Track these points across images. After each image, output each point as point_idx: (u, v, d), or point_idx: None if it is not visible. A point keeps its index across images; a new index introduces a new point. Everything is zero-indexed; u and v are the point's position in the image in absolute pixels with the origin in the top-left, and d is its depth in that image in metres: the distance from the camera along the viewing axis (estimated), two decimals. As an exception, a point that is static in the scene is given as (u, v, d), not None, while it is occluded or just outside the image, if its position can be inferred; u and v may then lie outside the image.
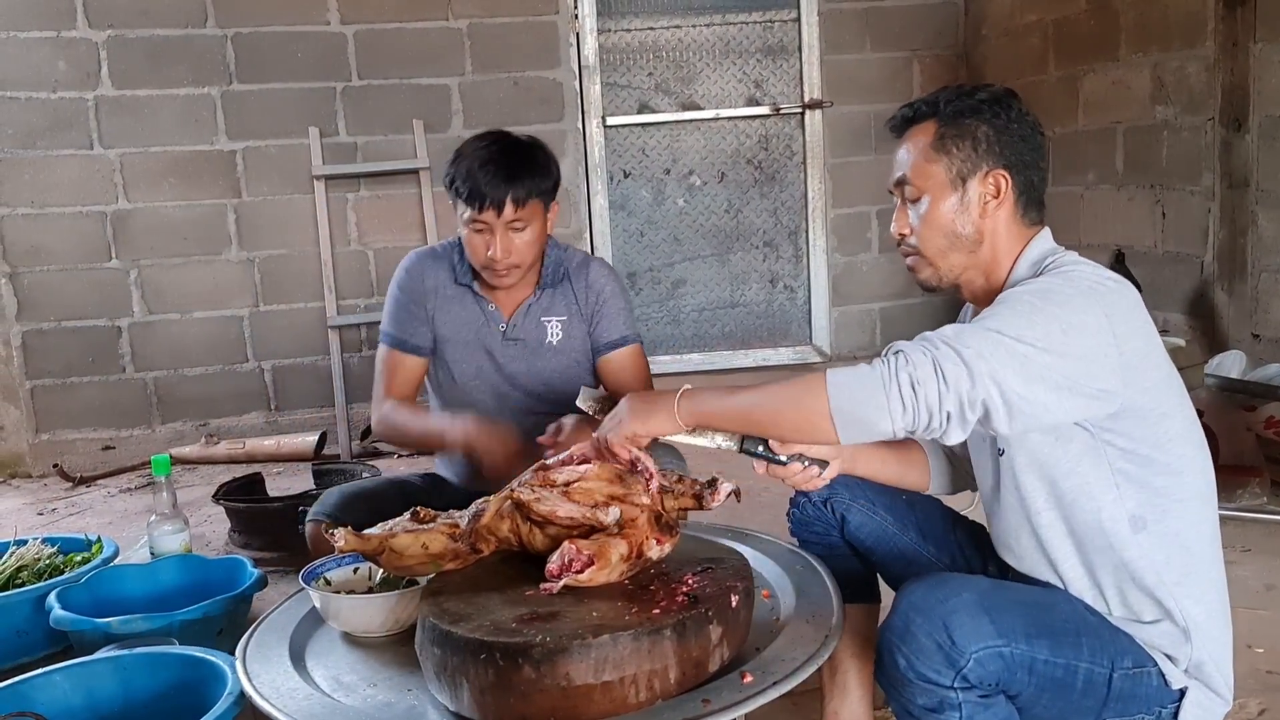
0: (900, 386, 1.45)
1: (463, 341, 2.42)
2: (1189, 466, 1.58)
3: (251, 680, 1.66)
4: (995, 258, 1.66)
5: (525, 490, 1.61)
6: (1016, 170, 1.64)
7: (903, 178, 1.68)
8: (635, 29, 5.01)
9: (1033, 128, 1.66)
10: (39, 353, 4.53)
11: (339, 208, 4.70)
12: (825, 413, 1.50)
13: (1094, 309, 1.50)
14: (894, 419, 1.45)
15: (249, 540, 3.28)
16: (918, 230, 1.67)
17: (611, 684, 1.41)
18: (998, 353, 1.44)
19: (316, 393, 4.76)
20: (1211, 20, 3.71)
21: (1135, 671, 1.55)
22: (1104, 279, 1.57)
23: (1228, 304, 3.80)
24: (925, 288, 1.72)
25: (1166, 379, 1.57)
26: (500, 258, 2.26)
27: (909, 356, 1.47)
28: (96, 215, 4.52)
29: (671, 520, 1.68)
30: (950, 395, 1.44)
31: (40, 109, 4.42)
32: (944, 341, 1.47)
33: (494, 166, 2.23)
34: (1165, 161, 4.01)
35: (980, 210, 1.64)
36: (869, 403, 1.47)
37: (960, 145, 1.63)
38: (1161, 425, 1.55)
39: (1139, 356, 1.52)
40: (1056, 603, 1.59)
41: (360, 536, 1.63)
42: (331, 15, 4.60)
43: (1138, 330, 1.54)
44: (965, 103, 1.65)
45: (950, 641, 1.44)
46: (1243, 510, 3.03)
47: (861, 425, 1.49)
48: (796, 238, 5.23)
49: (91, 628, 2.29)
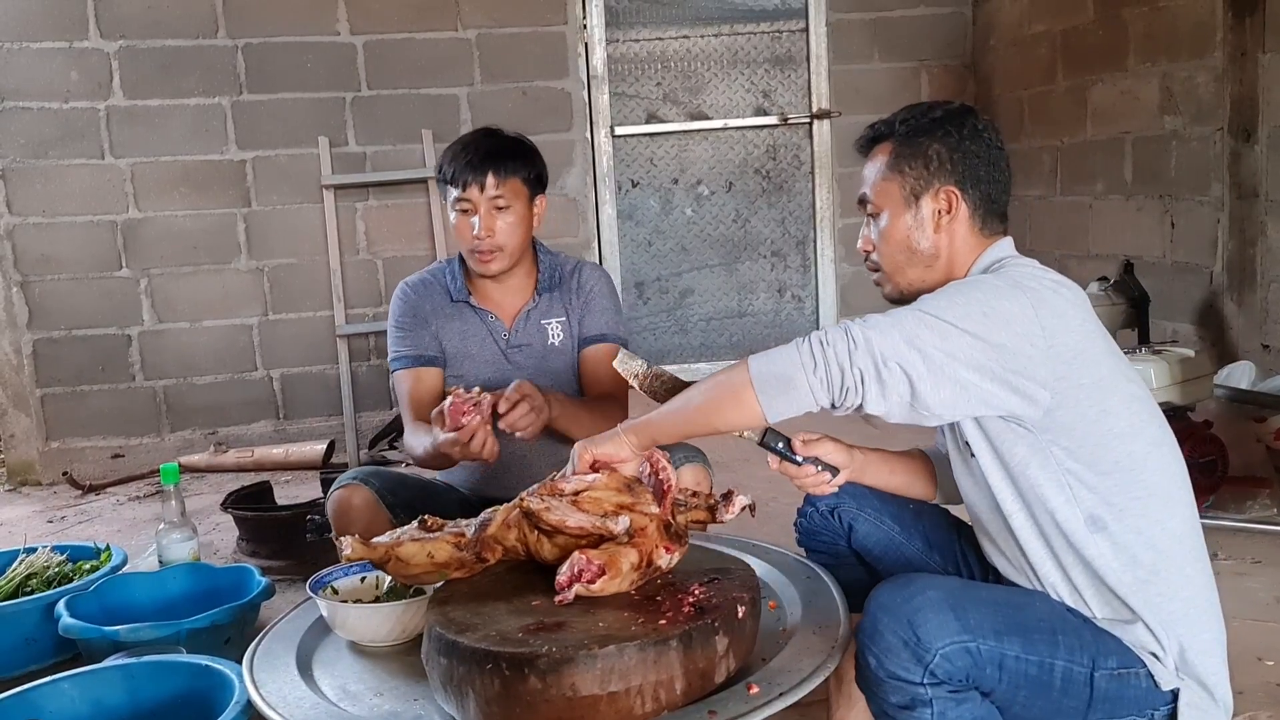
0: (811, 346, 1.51)
1: (469, 355, 2.46)
2: (1143, 463, 1.59)
3: (259, 689, 1.66)
4: (951, 272, 1.70)
5: (534, 500, 1.61)
6: (969, 185, 1.68)
7: (863, 195, 1.76)
8: (644, 39, 5.02)
9: (988, 144, 1.70)
10: (49, 361, 4.55)
11: (348, 217, 4.72)
12: (747, 383, 1.54)
13: (1020, 299, 1.53)
14: (807, 373, 1.50)
15: (257, 549, 3.28)
16: (878, 246, 1.74)
17: (617, 695, 1.41)
18: (918, 322, 1.50)
19: (325, 401, 4.77)
20: (1220, 30, 3.70)
21: (1121, 672, 1.55)
22: (1043, 277, 1.60)
23: (1237, 314, 3.79)
24: (890, 300, 1.77)
25: (1110, 377, 1.58)
26: (484, 236, 2.33)
27: (824, 328, 1.55)
28: (107, 224, 4.54)
29: (680, 529, 1.69)
30: (860, 353, 1.48)
31: (52, 119, 4.44)
32: (864, 317, 1.54)
33: (475, 147, 2.36)
34: (1174, 172, 4.00)
35: (934, 225, 1.69)
36: (785, 363, 1.53)
37: (913, 164, 1.69)
38: (1103, 423, 1.56)
39: (1071, 353, 1.53)
40: (1033, 602, 1.61)
41: (368, 545, 1.63)
42: (341, 25, 4.62)
43: (1073, 328, 1.55)
44: (920, 122, 1.71)
45: (916, 639, 1.47)
46: (1253, 522, 3.02)
47: (781, 388, 1.53)
48: (804, 247, 5.23)
49: (100, 636, 2.30)
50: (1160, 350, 3.13)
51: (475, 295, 2.47)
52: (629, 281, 5.13)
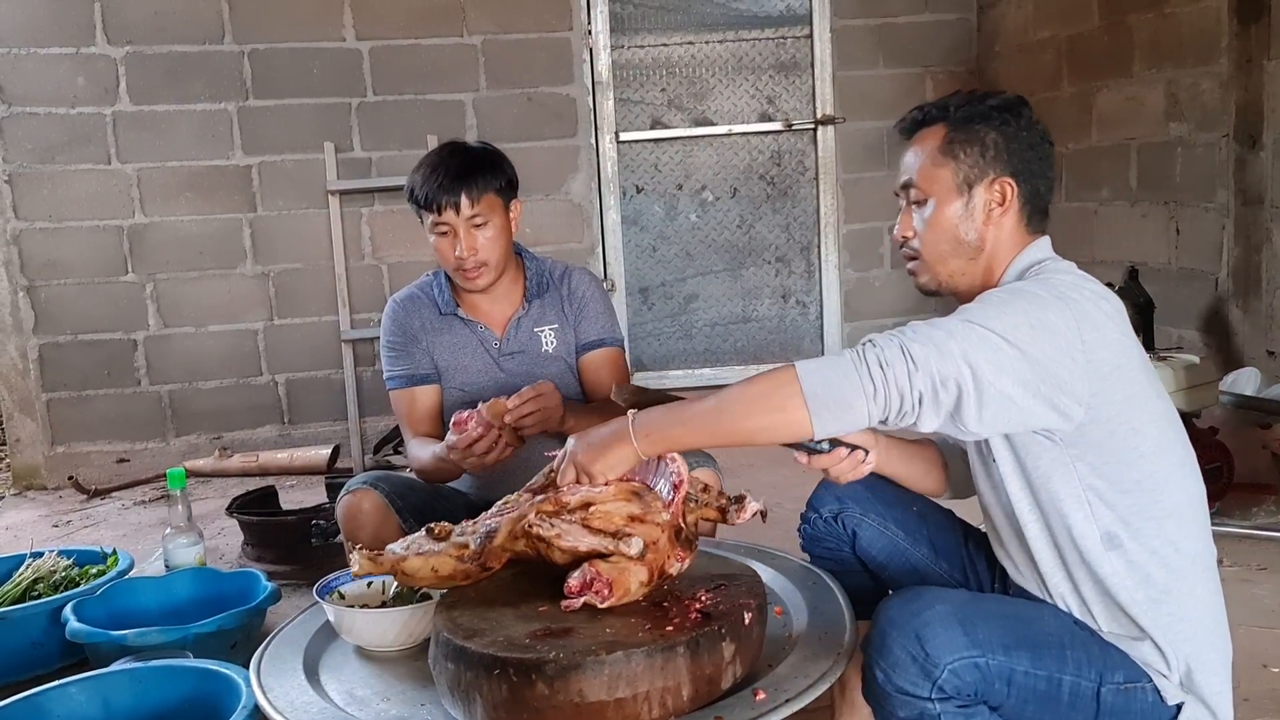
0: (869, 367, 1.44)
1: (461, 366, 2.48)
2: (1165, 484, 1.56)
3: (265, 693, 1.66)
4: (991, 265, 1.66)
5: (544, 525, 1.60)
6: (1023, 178, 1.64)
7: (909, 181, 1.68)
8: (649, 45, 5.03)
9: (1041, 137, 1.66)
10: (55, 365, 4.56)
11: (353, 222, 4.73)
12: (799, 400, 1.46)
13: (1064, 312, 1.49)
14: (867, 399, 1.44)
15: (262, 553, 3.29)
16: (921, 234, 1.68)
17: (625, 701, 1.42)
18: (970, 336, 1.45)
19: (330, 406, 4.77)
20: (1225, 37, 3.71)
21: (1128, 687, 1.53)
22: (1084, 286, 1.56)
23: (1242, 321, 3.79)
24: (924, 291, 1.73)
25: (1142, 394, 1.55)
26: (467, 255, 2.34)
27: (877, 342, 1.47)
28: (113, 229, 4.55)
29: (691, 534, 1.68)
30: (920, 374, 1.43)
31: (59, 124, 4.46)
32: (914, 327, 1.48)
33: (444, 169, 2.35)
34: (1179, 178, 4.00)
35: (985, 217, 1.64)
36: (842, 385, 1.45)
37: (968, 151, 1.63)
38: (1130, 441, 1.53)
39: (1109, 368, 1.50)
40: (1042, 616, 1.59)
41: (374, 561, 1.64)
42: (347, 31, 4.64)
43: (1110, 342, 1.52)
44: (976, 108, 1.65)
45: (924, 654, 1.46)
46: (1258, 528, 3.01)
47: (836, 410, 1.46)
48: (809, 253, 5.24)
49: (107, 640, 2.31)
50: (1165, 357, 3.12)
51: (463, 307, 2.49)
52: (633, 287, 5.13)
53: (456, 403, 2.49)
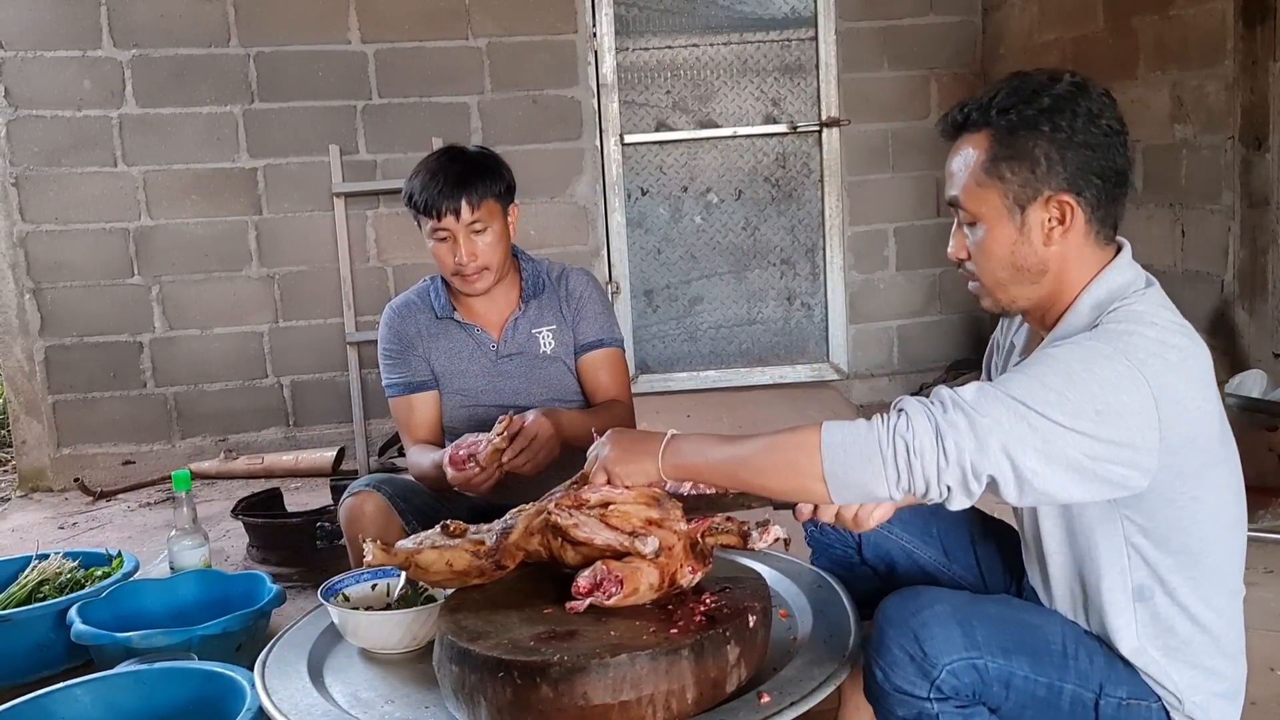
0: (896, 453, 1.34)
1: (459, 371, 2.49)
2: (1211, 548, 1.49)
3: (270, 696, 1.67)
4: (1061, 285, 1.50)
5: (562, 514, 1.60)
6: (1085, 188, 1.46)
7: (954, 199, 1.53)
8: (653, 48, 5.03)
9: (1106, 129, 1.46)
10: (61, 368, 4.57)
11: (358, 224, 4.73)
12: (818, 475, 1.39)
13: (1139, 390, 1.35)
14: (889, 486, 1.36)
15: (267, 555, 3.29)
16: (975, 258, 1.53)
17: (629, 704, 1.42)
18: (1018, 426, 1.32)
19: (335, 408, 4.78)
20: (1231, 39, 3.70)
21: (1130, 703, 1.50)
22: (1170, 346, 1.40)
23: (1248, 323, 3.78)
24: (991, 311, 1.60)
25: (1210, 462, 1.46)
26: (467, 261, 2.34)
27: (911, 420, 1.35)
28: (119, 232, 4.56)
29: (707, 549, 1.67)
30: (951, 468, 1.33)
31: (65, 127, 4.47)
32: (957, 405, 1.35)
33: (444, 175, 2.35)
34: (1185, 180, 3.99)
35: (1044, 239, 1.47)
36: (864, 469, 1.37)
37: (1016, 169, 1.45)
38: (1189, 510, 1.45)
39: (1181, 441, 1.39)
40: (1048, 622, 1.57)
41: (388, 551, 1.64)
42: (352, 34, 4.64)
43: (1189, 413, 1.39)
44: (1023, 113, 1.45)
45: (922, 653, 1.45)
46: (1264, 531, 3.01)
47: (856, 490, 1.40)
48: (814, 255, 5.23)
49: (112, 642, 2.31)
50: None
51: (460, 310, 2.49)
52: (638, 289, 5.13)
53: (456, 407, 2.50)
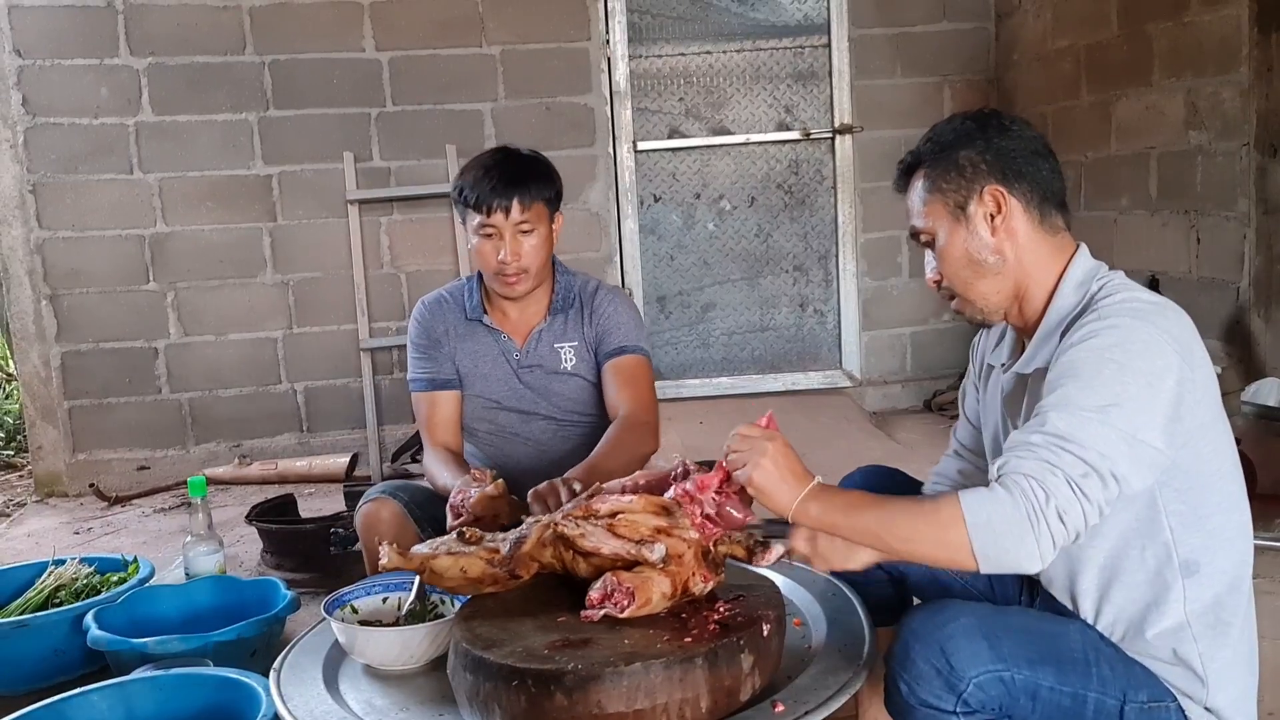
0: (1049, 524, 1.37)
1: (482, 374, 2.49)
2: (1234, 504, 1.56)
3: (285, 702, 1.67)
4: (1026, 273, 1.63)
5: (569, 524, 1.60)
6: (1013, 180, 1.62)
7: (913, 228, 1.71)
8: (666, 55, 5.04)
9: (1019, 135, 1.64)
10: (77, 373, 4.60)
11: (372, 231, 4.75)
12: (967, 551, 1.41)
13: (1167, 349, 1.46)
14: (1044, 558, 1.39)
15: (281, 561, 3.30)
16: (942, 270, 1.68)
17: (643, 712, 1.42)
18: (1118, 447, 1.40)
19: (348, 414, 4.79)
20: (1246, 46, 3.68)
21: (1151, 705, 1.52)
22: (1166, 304, 1.53)
23: (1264, 330, 3.76)
24: (975, 324, 1.73)
25: (1219, 413, 1.55)
26: (510, 260, 2.34)
27: (1044, 484, 1.39)
28: (135, 238, 4.59)
29: (719, 558, 1.67)
30: (1093, 509, 1.40)
31: (82, 134, 4.50)
32: (1064, 448, 1.40)
33: (499, 172, 2.35)
34: (1200, 187, 3.98)
35: (989, 229, 1.63)
36: (1018, 549, 1.39)
37: (950, 179, 1.64)
38: (1210, 476, 1.53)
39: (1203, 392, 1.50)
40: (1067, 631, 1.58)
41: (404, 556, 1.64)
42: (367, 42, 4.66)
43: (1198, 358, 1.51)
44: (943, 137, 1.67)
45: (949, 667, 1.45)
46: None
47: (1007, 566, 1.42)
48: (826, 262, 5.23)
49: (128, 648, 2.32)
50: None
51: (490, 314, 2.50)
52: (651, 296, 5.13)
53: (478, 409, 2.50)
